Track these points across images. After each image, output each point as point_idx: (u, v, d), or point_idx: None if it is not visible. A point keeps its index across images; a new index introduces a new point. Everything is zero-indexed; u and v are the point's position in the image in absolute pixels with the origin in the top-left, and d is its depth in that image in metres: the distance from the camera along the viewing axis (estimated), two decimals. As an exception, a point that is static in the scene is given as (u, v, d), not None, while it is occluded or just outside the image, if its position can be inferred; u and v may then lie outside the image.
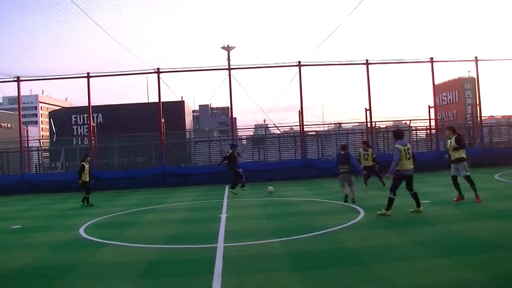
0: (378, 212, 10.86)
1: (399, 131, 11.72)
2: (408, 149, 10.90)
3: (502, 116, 30.65)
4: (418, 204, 10.91)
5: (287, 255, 7.42)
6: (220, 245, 8.36)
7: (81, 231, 10.62)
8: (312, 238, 8.69)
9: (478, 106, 27.58)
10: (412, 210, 10.90)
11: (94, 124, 25.87)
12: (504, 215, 9.92)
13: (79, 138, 30.46)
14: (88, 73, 23.86)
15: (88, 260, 7.74)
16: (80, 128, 31.00)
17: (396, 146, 10.94)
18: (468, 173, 12.05)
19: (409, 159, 10.83)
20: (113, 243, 9.06)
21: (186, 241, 8.94)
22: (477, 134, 27.69)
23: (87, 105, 24.37)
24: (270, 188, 17.03)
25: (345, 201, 13.26)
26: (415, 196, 10.99)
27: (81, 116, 30.55)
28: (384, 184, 17.09)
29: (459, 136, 12.44)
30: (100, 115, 30.41)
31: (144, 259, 7.60)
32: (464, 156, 12.18)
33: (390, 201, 10.75)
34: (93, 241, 9.42)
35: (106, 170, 24.78)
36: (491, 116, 32.11)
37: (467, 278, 5.69)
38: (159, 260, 7.60)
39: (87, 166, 16.36)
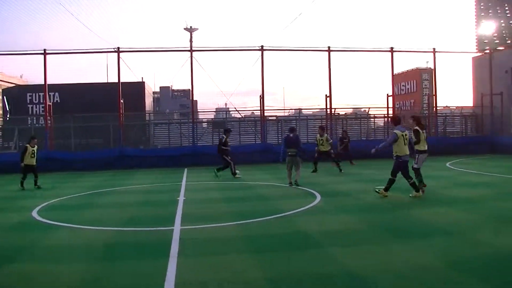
0: (411, 195, 11.11)
1: (397, 117, 12.16)
2: (406, 135, 11.22)
3: (456, 107, 31.69)
4: (417, 190, 11.17)
5: (244, 238, 7.51)
6: (177, 227, 8.37)
7: (35, 213, 10.36)
8: (269, 221, 8.82)
9: (434, 97, 28.43)
10: (411, 195, 11.15)
11: (50, 103, 25.06)
12: (456, 202, 10.35)
13: (34, 118, 29.42)
14: (45, 50, 23.05)
15: (42, 243, 7.61)
16: (36, 107, 29.96)
17: (394, 131, 11.21)
18: (416, 166, 11.82)
19: (405, 145, 11.12)
20: (68, 225, 8.91)
21: (143, 224, 8.89)
22: (432, 123, 28.58)
23: (43, 83, 23.57)
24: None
25: (291, 184, 13.55)
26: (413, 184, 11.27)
27: (37, 94, 29.47)
28: (341, 170, 17.46)
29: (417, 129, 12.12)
30: (57, 94, 29.44)
31: (100, 241, 7.53)
32: (421, 148, 11.88)
33: (391, 182, 11.29)
34: (47, 223, 9.22)
35: (62, 151, 24.15)
36: (446, 106, 33.14)
37: (421, 263, 5.89)
38: (116, 242, 7.54)
39: (32, 149, 15.56)
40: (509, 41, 28.77)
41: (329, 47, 25.22)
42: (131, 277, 5.63)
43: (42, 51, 23.01)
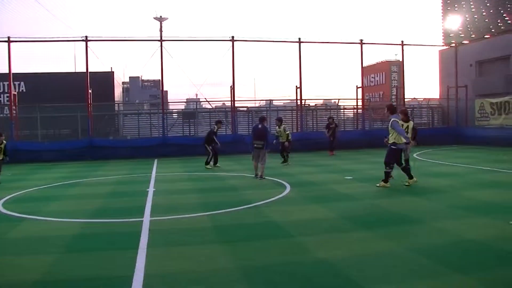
0: (377, 185, 11.36)
1: (393, 106, 12.14)
2: (403, 124, 11.56)
3: (423, 98, 32.33)
4: (410, 177, 11.46)
5: (214, 229, 7.54)
6: (147, 219, 8.33)
7: None
8: (239, 212, 8.88)
9: (402, 88, 28.95)
10: (406, 183, 11.42)
11: (16, 93, 24.44)
12: (420, 192, 10.63)
13: (-1, 108, 28.67)
14: (9, 38, 22.34)
15: (7, 236, 7.45)
16: (0, 97, 29.17)
17: (395, 119, 11.23)
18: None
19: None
20: (34, 217, 8.75)
21: (112, 215, 8.82)
22: (400, 114, 29.04)
23: (8, 72, 22.91)
24: None
25: (257, 175, 13.33)
26: (405, 170, 11.58)
27: (1, 83, 28.66)
28: (287, 163, 17.53)
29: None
30: (22, 83, 28.74)
31: (68, 233, 7.43)
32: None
33: (405, 170, 11.43)
34: (12, 216, 9.03)
35: (28, 142, 23.59)
36: (414, 98, 33.77)
37: (386, 250, 6.11)
38: (83, 234, 7.46)
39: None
40: (473, 36, 29.44)
41: (299, 39, 25.35)
42: (99, 268, 5.60)
43: (6, 39, 22.32)
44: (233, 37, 24.25)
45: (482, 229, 7.05)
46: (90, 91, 23.21)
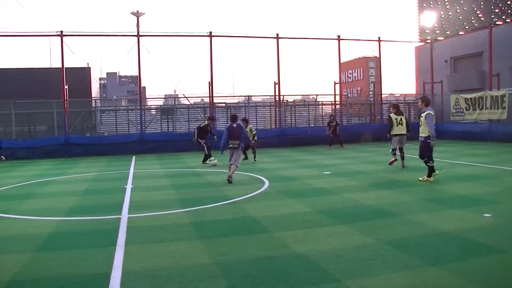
0: (420, 178, 11.28)
1: (428, 98, 12.03)
2: (396, 118, 12.27)
3: (400, 94, 32.76)
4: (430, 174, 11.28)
5: (192, 225, 7.54)
6: (124, 216, 8.28)
7: (-27, 203, 9.93)
8: (217, 207, 8.89)
9: (379, 84, 29.28)
10: (420, 178, 11.37)
11: (-12, 89, 23.93)
12: (395, 186, 10.82)
13: (-29, 104, 27.99)
14: (-20, 33, 21.91)
15: (-20, 234, 7.31)
16: (-28, 93, 28.49)
17: (430, 112, 11.10)
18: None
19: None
20: (8, 216, 8.61)
21: (89, 213, 8.73)
22: (378, 110, 29.46)
23: (-20, 67, 22.41)
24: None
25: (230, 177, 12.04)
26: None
27: (-27, 79, 28.00)
28: (255, 160, 17.33)
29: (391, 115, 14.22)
30: (-5, 79, 28.12)
31: (43, 231, 7.34)
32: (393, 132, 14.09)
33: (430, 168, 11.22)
34: (-14, 214, 8.87)
35: (2, 139, 23.13)
36: (391, 94, 34.20)
37: (362, 243, 6.20)
38: (60, 232, 7.37)
39: None
40: (448, 32, 29.94)
41: (277, 35, 25.41)
42: (76, 267, 5.53)
43: (-22, 34, 21.84)
44: (211, 32, 24.17)
45: (456, 222, 7.20)
46: (66, 87, 22.88)
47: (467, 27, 28.56)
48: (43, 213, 8.77)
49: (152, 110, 29.46)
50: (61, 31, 22.57)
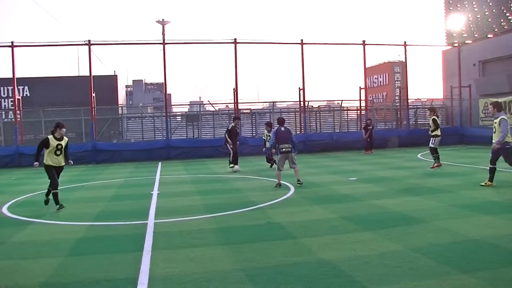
0: (482, 184, 11.09)
1: (500, 103, 11.85)
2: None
3: (427, 99, 32.27)
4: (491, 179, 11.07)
5: (218, 231, 7.57)
6: (151, 221, 8.37)
7: (4, 209, 10.21)
8: (243, 214, 8.91)
9: (405, 89, 28.93)
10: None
11: (19, 97, 24.57)
12: (423, 192, 10.63)
13: (3, 112, 28.80)
14: (12, 43, 22.50)
15: (13, 239, 7.49)
16: (4, 102, 29.31)
17: (504, 117, 10.88)
18: (431, 145, 14.88)
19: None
20: (39, 221, 8.82)
21: (116, 218, 8.85)
22: (404, 115, 29.11)
23: (12, 76, 23.02)
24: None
25: (279, 185, 12.01)
26: None
27: (5, 88, 28.82)
28: (271, 166, 16.80)
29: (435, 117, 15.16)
30: (26, 87, 28.92)
31: (72, 236, 7.48)
32: (438, 133, 14.87)
33: (492, 171, 11.02)
34: (17, 219, 9.10)
35: (33, 146, 23.66)
36: (418, 99, 33.73)
37: (388, 250, 6.12)
38: (88, 237, 7.50)
39: None
40: (476, 35, 29.40)
41: (302, 41, 25.38)
42: (103, 271, 5.63)
43: (10, 44, 22.46)
44: (235, 39, 24.31)
45: (485, 228, 7.05)
46: (93, 94, 23.31)
47: (496, 30, 27.99)
48: (72, 218, 8.95)
49: (177, 117, 29.76)
50: (89, 40, 23.06)
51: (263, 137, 17.96)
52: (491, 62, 28.69)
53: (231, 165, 16.47)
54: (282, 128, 12.11)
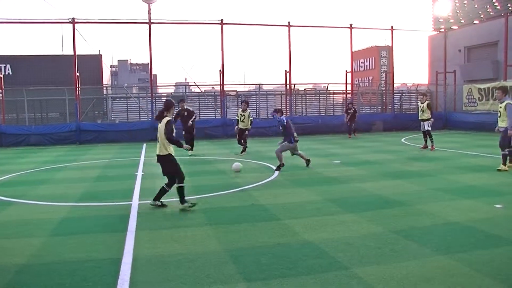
0: (498, 168, 11.00)
1: (506, 87, 11.59)
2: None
3: (412, 84, 32.46)
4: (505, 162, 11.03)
5: (202, 212, 7.59)
6: (135, 202, 8.37)
7: (-13, 188, 10.08)
8: (227, 195, 8.95)
9: (391, 74, 29.04)
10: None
11: (1, 76, 24.14)
12: (406, 176, 10.76)
13: (-16, 90, 28.28)
14: (-7, 20, 22.04)
15: (-6, 218, 7.43)
16: (-15, 80, 28.75)
17: (509, 102, 10.77)
18: (429, 129, 15.99)
19: None
20: (21, 201, 8.74)
21: (101, 199, 8.83)
22: (389, 100, 29.28)
23: (-7, 54, 22.57)
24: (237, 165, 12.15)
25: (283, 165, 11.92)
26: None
27: (-14, 66, 28.27)
28: (245, 152, 15.97)
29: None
30: (8, 66, 28.38)
31: (55, 217, 7.44)
32: (430, 116, 16.02)
33: (504, 156, 10.99)
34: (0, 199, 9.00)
35: (15, 125, 23.40)
36: (403, 83, 33.89)
37: (370, 232, 6.22)
38: (72, 217, 7.47)
39: None
40: (463, 21, 29.51)
41: (289, 23, 25.25)
42: (87, 251, 5.62)
43: (-9, 20, 21.96)
44: (222, 20, 24.09)
45: (467, 212, 7.18)
46: (78, 74, 22.99)
47: (482, 16, 28.13)
48: (56, 198, 8.89)
49: (163, 98, 29.53)
50: (73, 18, 22.63)
51: (236, 117, 16.92)
52: (476, 48, 28.88)
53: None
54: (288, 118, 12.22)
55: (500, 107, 11.16)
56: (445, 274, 4.68)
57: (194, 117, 16.46)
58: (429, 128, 16.04)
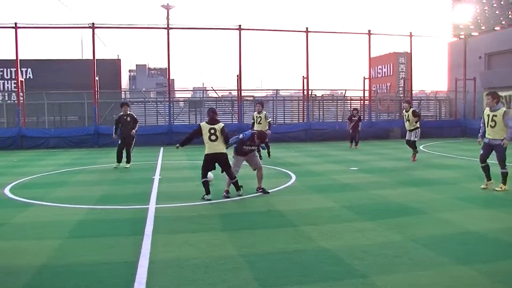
0: (497, 188, 9.72)
1: (498, 93, 9.92)
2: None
3: (431, 91, 32.14)
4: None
5: (219, 216, 7.58)
6: (152, 206, 8.39)
7: (6, 190, 10.21)
8: (244, 200, 8.94)
9: (409, 80, 28.78)
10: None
11: (23, 79, 24.53)
12: (424, 183, 10.62)
13: (6, 94, 28.79)
14: (16, 24, 22.36)
15: (13, 220, 7.51)
16: (7, 83, 29.25)
17: (505, 109, 9.56)
18: (416, 139, 15.01)
19: None
20: (40, 203, 8.83)
21: (118, 202, 8.88)
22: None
23: (15, 58, 22.95)
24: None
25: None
26: None
27: (8, 70, 28.72)
28: (269, 156, 15.55)
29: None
30: (29, 69, 28.83)
31: (73, 219, 7.50)
32: (418, 125, 15.09)
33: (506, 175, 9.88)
34: (18, 201, 9.11)
35: (35, 128, 23.73)
36: (422, 90, 33.58)
37: (388, 240, 6.12)
38: (89, 220, 7.52)
39: None
40: (483, 28, 29.16)
41: (307, 29, 25.21)
42: (103, 254, 5.65)
43: (13, 25, 22.33)
44: (240, 26, 24.15)
45: (485, 221, 7.05)
46: (96, 78, 23.25)
47: (503, 22, 27.75)
48: (73, 201, 8.96)
49: (180, 102, 29.71)
50: (93, 23, 22.91)
51: (252, 119, 16.37)
52: (497, 55, 28.48)
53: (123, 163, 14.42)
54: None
55: (495, 115, 9.58)
56: (464, 284, 4.59)
57: (137, 125, 15.30)
58: (416, 139, 14.91)
